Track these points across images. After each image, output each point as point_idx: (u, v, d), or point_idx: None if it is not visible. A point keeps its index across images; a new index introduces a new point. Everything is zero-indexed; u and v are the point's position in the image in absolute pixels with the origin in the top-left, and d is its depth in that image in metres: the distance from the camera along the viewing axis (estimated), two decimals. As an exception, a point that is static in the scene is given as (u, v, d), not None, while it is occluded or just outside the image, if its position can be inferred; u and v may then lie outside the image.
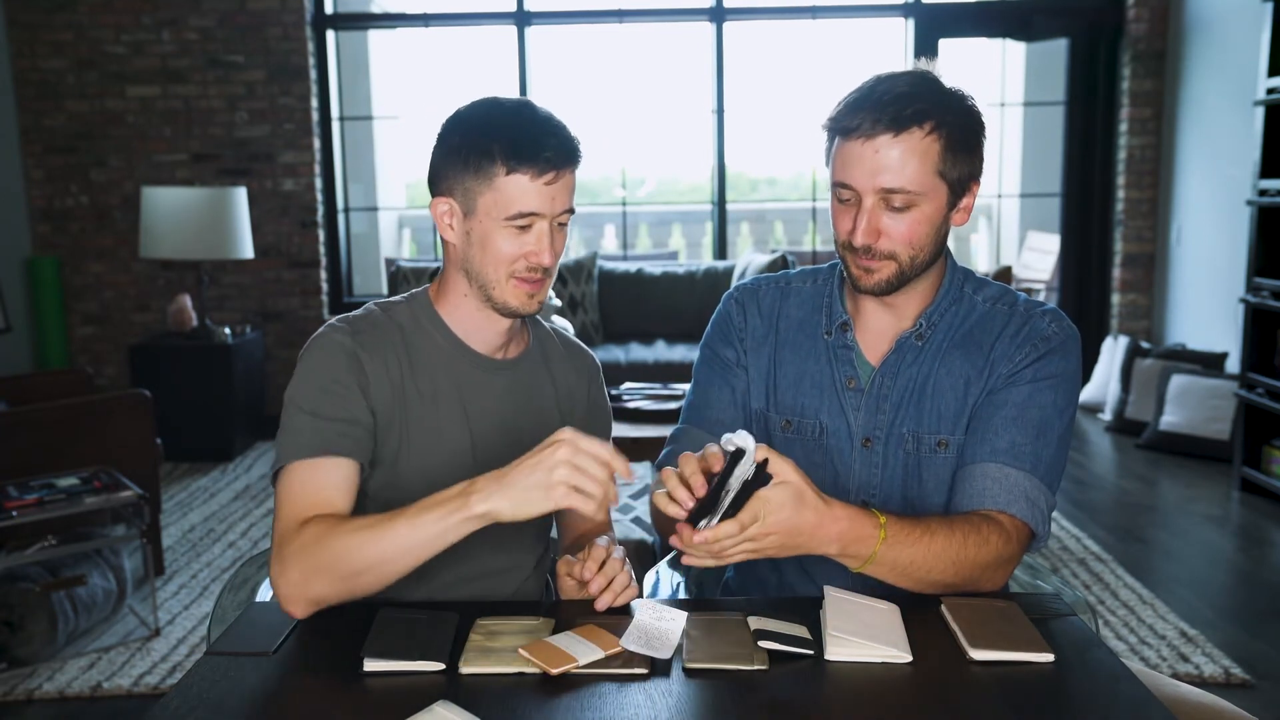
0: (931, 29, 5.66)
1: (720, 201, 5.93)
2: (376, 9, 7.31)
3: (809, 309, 1.48)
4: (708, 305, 1.37)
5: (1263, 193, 4.02)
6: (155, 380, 4.54)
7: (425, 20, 5.94)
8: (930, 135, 1.30)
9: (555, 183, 1.33)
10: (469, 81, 8.17)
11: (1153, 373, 4.97)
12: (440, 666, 1.14)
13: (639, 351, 5.09)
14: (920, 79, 1.32)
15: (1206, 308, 5.11)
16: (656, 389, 3.44)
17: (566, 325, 3.52)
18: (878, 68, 1.37)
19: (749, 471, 1.14)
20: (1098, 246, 5.80)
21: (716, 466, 1.16)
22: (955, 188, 1.34)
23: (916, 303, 1.42)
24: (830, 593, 1.24)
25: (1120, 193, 5.64)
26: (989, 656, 1.15)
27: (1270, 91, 3.96)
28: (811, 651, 1.16)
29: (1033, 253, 7.15)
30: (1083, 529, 3.78)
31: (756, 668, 1.13)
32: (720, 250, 6.00)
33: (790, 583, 1.48)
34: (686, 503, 1.15)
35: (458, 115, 1.38)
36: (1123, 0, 5.53)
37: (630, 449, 2.93)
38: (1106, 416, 5.25)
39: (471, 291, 1.40)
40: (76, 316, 5.57)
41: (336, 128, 5.69)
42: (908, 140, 1.29)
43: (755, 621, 1.21)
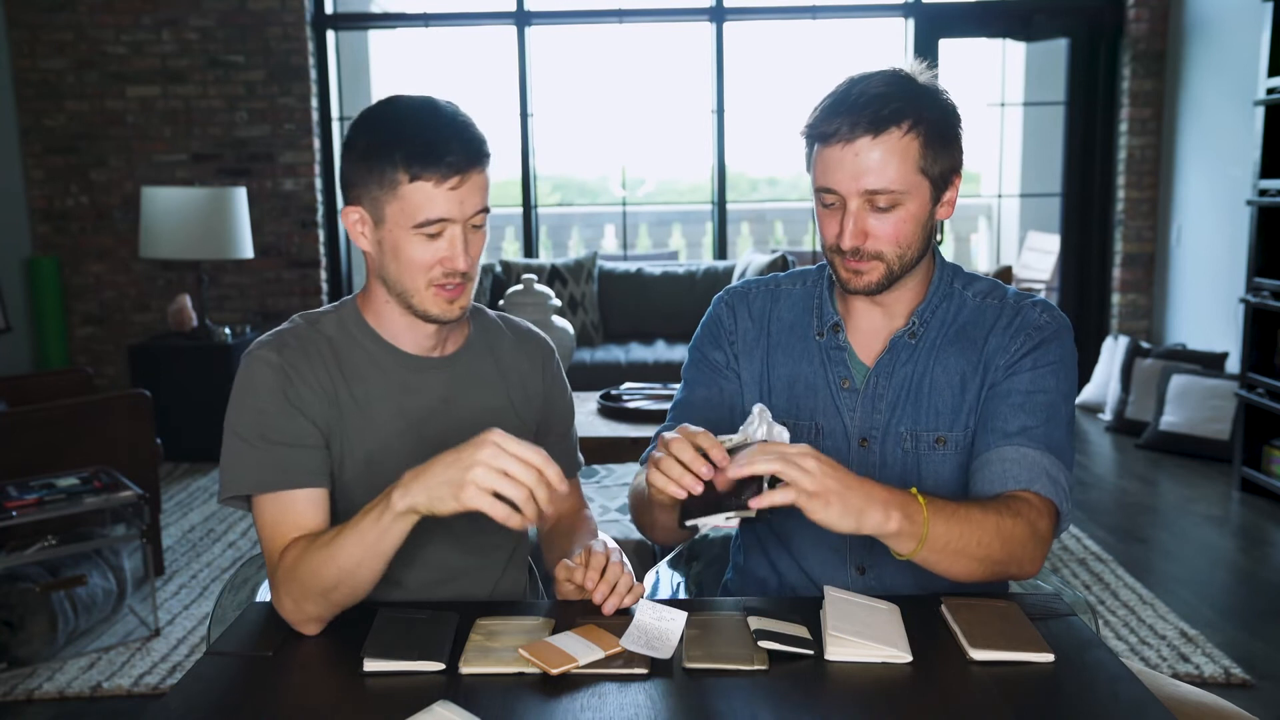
0: (931, 29, 5.66)
1: (720, 201, 5.92)
2: (376, 9, 7.31)
3: (799, 311, 1.49)
4: (707, 305, 1.37)
5: (1263, 192, 4.02)
6: (155, 380, 4.54)
7: (425, 20, 5.94)
8: (909, 133, 1.30)
9: (461, 186, 1.28)
10: (469, 81, 8.16)
11: (1153, 373, 4.97)
12: (440, 666, 1.14)
13: (639, 351, 5.09)
14: (894, 77, 1.33)
15: (1206, 308, 5.11)
16: (656, 389, 3.43)
17: (567, 325, 3.52)
18: (876, 68, 1.37)
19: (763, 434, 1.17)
20: (1098, 246, 5.81)
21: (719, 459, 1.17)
22: (937, 183, 1.35)
23: (907, 300, 1.42)
24: (830, 593, 1.24)
25: (1120, 193, 5.64)
26: (989, 656, 1.15)
27: (1270, 91, 3.96)
28: (811, 651, 1.16)
29: (1033, 253, 7.15)
30: (1083, 529, 3.78)
31: (756, 668, 1.13)
32: (720, 250, 6.00)
33: (790, 583, 1.48)
34: (705, 475, 1.15)
35: (362, 118, 1.33)
36: (1123, 0, 5.53)
37: (630, 449, 2.93)
38: (1107, 416, 5.25)
39: (392, 299, 1.36)
40: (76, 316, 5.57)
41: (336, 128, 5.69)
42: (887, 140, 1.29)
43: (755, 621, 1.21)
